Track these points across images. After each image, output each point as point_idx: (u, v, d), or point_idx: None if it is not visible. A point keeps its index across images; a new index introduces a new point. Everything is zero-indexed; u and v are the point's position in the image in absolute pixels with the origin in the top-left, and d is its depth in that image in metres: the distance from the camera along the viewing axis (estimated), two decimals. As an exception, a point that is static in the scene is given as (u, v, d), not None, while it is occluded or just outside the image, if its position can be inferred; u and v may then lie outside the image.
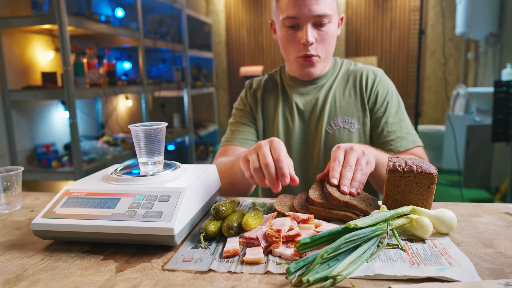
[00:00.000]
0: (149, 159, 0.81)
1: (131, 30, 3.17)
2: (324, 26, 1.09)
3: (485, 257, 0.61)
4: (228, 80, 5.31)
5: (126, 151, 3.14)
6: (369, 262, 0.60)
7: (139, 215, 0.67)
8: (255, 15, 5.04)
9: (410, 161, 0.75)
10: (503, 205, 0.83)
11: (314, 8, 1.05)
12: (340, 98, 1.20)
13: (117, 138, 3.31)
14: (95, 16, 2.81)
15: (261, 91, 1.27)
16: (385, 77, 1.23)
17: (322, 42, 1.10)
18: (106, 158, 2.87)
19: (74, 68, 2.50)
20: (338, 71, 1.24)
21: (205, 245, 0.67)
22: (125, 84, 3.22)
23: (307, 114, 1.21)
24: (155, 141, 0.80)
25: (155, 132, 0.79)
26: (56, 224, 0.68)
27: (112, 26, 2.88)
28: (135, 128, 0.78)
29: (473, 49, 4.50)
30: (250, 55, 5.15)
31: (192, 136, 4.36)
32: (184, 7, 4.18)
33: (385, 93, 1.18)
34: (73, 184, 0.78)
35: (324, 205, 0.76)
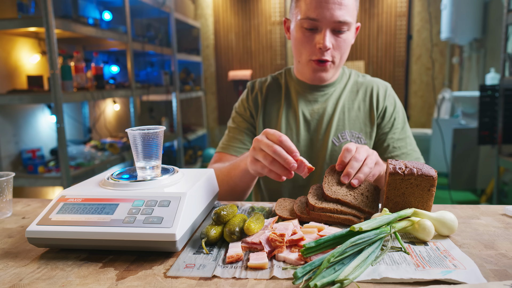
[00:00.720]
0: (147, 164, 0.79)
1: (119, 34, 3.14)
2: (342, 33, 1.06)
3: (487, 258, 0.61)
4: (216, 84, 5.29)
5: (115, 155, 3.09)
6: (374, 265, 0.60)
7: (139, 221, 0.66)
8: (244, 19, 5.05)
9: (410, 164, 0.76)
10: (499, 207, 0.84)
11: (337, 13, 1.02)
12: (350, 110, 1.17)
13: (105, 142, 3.26)
14: (83, 19, 2.77)
15: (263, 96, 1.23)
16: (393, 92, 1.22)
17: (338, 49, 1.07)
18: (94, 163, 2.82)
19: (61, 72, 2.46)
20: (347, 81, 1.21)
21: (207, 250, 0.66)
22: (113, 88, 3.18)
23: (314, 123, 1.17)
24: (153, 145, 0.79)
25: (152, 136, 0.78)
26: (52, 231, 0.66)
27: (100, 29, 2.84)
28: (133, 132, 0.77)
29: (457, 54, 4.60)
30: (239, 59, 5.15)
31: (180, 140, 4.33)
32: (172, 11, 4.16)
33: (393, 109, 1.18)
34: (68, 189, 0.76)
35: (325, 210, 0.76)
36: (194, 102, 5.26)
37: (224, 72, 5.22)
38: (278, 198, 1.13)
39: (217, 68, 5.24)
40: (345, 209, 0.76)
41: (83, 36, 2.77)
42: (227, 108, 5.32)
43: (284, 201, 0.86)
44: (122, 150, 3.22)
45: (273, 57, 5.07)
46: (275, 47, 5.04)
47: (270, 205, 0.90)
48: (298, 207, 0.81)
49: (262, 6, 4.98)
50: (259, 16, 5.01)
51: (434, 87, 4.63)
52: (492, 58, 3.87)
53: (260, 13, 5.00)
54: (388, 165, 0.77)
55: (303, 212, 0.79)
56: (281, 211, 0.81)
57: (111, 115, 3.94)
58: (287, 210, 0.82)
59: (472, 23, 3.89)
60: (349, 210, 0.76)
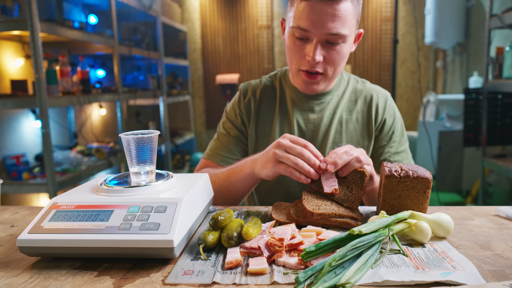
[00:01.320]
0: (141, 169, 0.78)
1: (106, 37, 3.10)
2: (336, 45, 0.98)
3: (484, 259, 0.62)
4: (204, 88, 5.27)
5: (101, 161, 3.04)
6: (373, 268, 0.60)
7: (135, 228, 0.64)
8: (231, 24, 5.06)
9: (405, 167, 0.76)
10: (492, 208, 0.86)
11: (329, 26, 0.94)
12: (347, 122, 1.12)
13: (91, 148, 3.21)
14: (68, 22, 2.73)
15: (256, 102, 1.16)
16: (393, 103, 1.17)
17: (330, 61, 1.00)
18: (80, 169, 2.77)
19: (46, 76, 2.41)
20: (345, 88, 1.15)
21: (204, 256, 0.65)
22: (100, 92, 3.13)
23: (309, 134, 1.12)
24: (147, 150, 0.77)
25: (147, 140, 0.76)
26: (45, 240, 0.64)
27: (86, 33, 2.80)
28: (126, 137, 0.75)
29: (441, 58, 4.69)
30: (226, 63, 5.15)
31: (168, 144, 4.29)
32: (159, 15, 4.13)
33: (392, 121, 1.13)
34: (60, 196, 0.74)
35: (324, 216, 0.75)
36: (182, 106, 5.22)
37: (212, 76, 5.20)
38: (270, 203, 1.13)
39: (205, 72, 5.23)
40: (342, 213, 0.76)
41: (69, 39, 2.73)
42: (215, 112, 5.30)
43: (280, 205, 0.86)
44: (109, 155, 3.17)
45: (261, 61, 5.08)
46: (263, 51, 5.06)
47: (266, 209, 0.90)
48: (295, 211, 0.80)
49: (249, 10, 5.00)
50: (246, 20, 5.02)
51: (421, 90, 4.71)
52: (475, 61, 3.96)
53: (247, 17, 5.01)
54: (384, 167, 0.77)
55: (300, 215, 0.79)
56: (277, 215, 0.81)
57: (97, 120, 3.88)
58: (283, 214, 0.82)
59: (455, 28, 3.98)
60: (346, 213, 0.76)
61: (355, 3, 0.97)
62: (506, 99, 2.76)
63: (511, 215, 0.79)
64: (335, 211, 0.76)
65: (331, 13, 0.93)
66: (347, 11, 0.95)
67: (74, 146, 3.23)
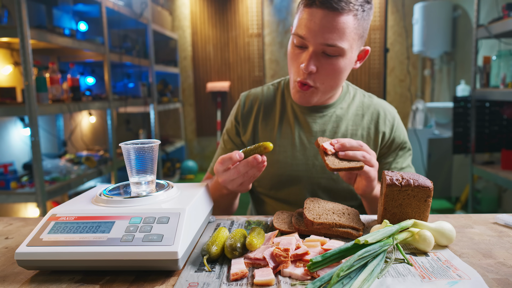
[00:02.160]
0: (142, 179, 0.77)
1: (97, 45, 3.08)
2: (332, 58, 0.95)
3: (488, 267, 0.63)
4: (194, 96, 5.26)
5: (91, 169, 3.00)
6: (379, 278, 0.60)
7: (137, 239, 0.63)
8: (222, 31, 5.07)
9: (406, 175, 0.77)
10: (490, 216, 0.87)
11: (326, 36, 0.92)
12: (352, 136, 1.09)
13: (81, 156, 3.16)
14: (59, 29, 2.70)
15: (256, 112, 1.15)
16: (400, 120, 1.14)
17: (324, 74, 0.97)
18: (70, 177, 2.72)
19: (36, 83, 2.38)
20: (350, 102, 1.13)
21: (209, 268, 0.64)
22: (90, 99, 3.10)
23: (311, 148, 1.09)
24: (148, 160, 0.76)
25: (148, 150, 0.75)
26: (45, 253, 0.63)
27: (77, 40, 2.78)
28: (126, 146, 0.74)
29: (429, 67, 4.77)
30: (217, 70, 5.15)
31: (159, 152, 4.26)
32: (150, 22, 4.13)
33: (400, 140, 1.11)
34: (59, 207, 0.72)
35: (324, 225, 0.75)
36: (172, 113, 5.20)
37: (202, 83, 5.20)
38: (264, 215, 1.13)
39: (195, 80, 5.22)
40: (343, 222, 0.76)
41: (58, 47, 2.70)
42: (205, 120, 5.29)
43: (282, 213, 0.85)
44: (99, 163, 3.13)
45: (251, 68, 5.10)
46: (253, 59, 5.08)
47: (266, 219, 0.89)
48: (296, 220, 0.80)
49: (239, 19, 5.02)
50: (237, 28, 5.04)
51: (412, 98, 4.78)
52: (462, 70, 4.04)
53: (238, 26, 5.04)
54: (385, 176, 0.78)
55: (301, 225, 0.78)
56: (279, 223, 0.80)
57: (87, 128, 3.83)
58: (285, 223, 0.81)
59: (442, 37, 4.06)
60: (348, 223, 0.76)
61: (359, 17, 0.94)
62: (493, 107, 2.82)
63: (510, 223, 0.80)
64: (336, 220, 0.76)
65: (330, 23, 0.91)
66: (347, 24, 0.92)
67: (63, 155, 3.18)
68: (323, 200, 0.85)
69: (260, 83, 5.11)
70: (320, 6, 0.91)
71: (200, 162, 5.37)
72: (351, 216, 0.80)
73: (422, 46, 4.12)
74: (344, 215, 0.79)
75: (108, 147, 3.40)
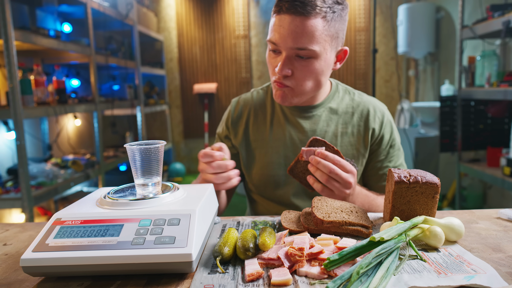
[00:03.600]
0: (148, 180, 0.75)
1: (82, 46, 3.01)
2: (305, 60, 0.97)
3: (500, 261, 0.63)
4: (181, 98, 5.22)
5: (78, 173, 2.93)
6: (396, 275, 0.60)
7: (149, 242, 0.62)
8: (208, 33, 5.05)
9: (413, 172, 0.77)
10: (493, 211, 0.88)
11: (295, 40, 0.94)
12: (343, 135, 1.11)
13: (67, 160, 3.09)
14: (43, 30, 2.63)
15: (247, 117, 1.17)
16: (390, 117, 1.16)
17: (300, 76, 0.98)
18: (56, 182, 2.66)
19: (20, 86, 2.31)
20: (340, 100, 1.14)
21: (222, 269, 0.63)
22: (76, 102, 3.03)
23: (301, 145, 1.10)
24: (153, 161, 0.75)
25: (153, 151, 0.74)
26: (52, 258, 0.60)
27: (62, 41, 2.71)
28: (131, 147, 0.73)
29: (413, 67, 4.86)
30: (204, 72, 5.12)
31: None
32: (136, 24, 4.07)
33: (389, 136, 1.13)
34: (63, 211, 0.70)
35: (334, 224, 0.75)
36: (159, 116, 5.14)
37: (189, 85, 5.16)
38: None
39: (182, 82, 5.18)
40: (352, 220, 0.76)
41: (43, 48, 2.63)
42: (193, 122, 5.25)
43: (289, 213, 0.85)
44: (86, 167, 3.06)
45: (238, 70, 5.09)
46: (240, 60, 5.07)
47: (272, 219, 0.88)
48: (305, 219, 0.80)
49: (226, 20, 5.01)
50: (223, 30, 5.03)
51: (401, 97, 4.85)
52: (446, 70, 4.12)
53: (224, 27, 5.02)
54: (392, 174, 0.78)
55: (310, 224, 0.78)
56: (287, 223, 0.80)
57: (72, 131, 3.75)
58: (293, 222, 0.81)
59: (426, 38, 4.14)
60: (357, 221, 0.76)
61: (329, 19, 0.94)
62: (478, 106, 2.88)
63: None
64: (345, 219, 0.76)
65: (298, 27, 0.93)
66: (316, 27, 0.93)
67: (49, 159, 3.10)
68: (330, 199, 0.85)
69: (247, 84, 5.10)
70: (287, 12, 0.93)
71: (187, 164, 5.32)
72: (359, 214, 0.80)
73: (406, 47, 4.19)
74: (353, 213, 0.79)
75: (95, 151, 3.33)
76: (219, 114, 5.11)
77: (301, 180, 0.97)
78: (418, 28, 4.11)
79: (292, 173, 0.96)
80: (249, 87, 5.09)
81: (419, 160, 3.65)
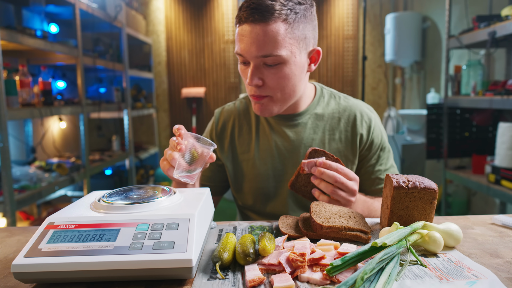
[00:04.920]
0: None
1: (69, 47, 2.96)
2: (274, 67, 0.93)
3: (498, 267, 0.64)
4: (169, 102, 5.17)
5: (63, 177, 2.86)
6: (398, 280, 0.59)
7: (147, 247, 0.60)
8: (197, 37, 5.03)
9: (411, 178, 0.78)
10: (487, 217, 0.89)
11: (258, 49, 0.90)
12: (330, 142, 1.09)
13: (52, 163, 3.02)
14: (29, 30, 2.58)
15: (231, 128, 1.14)
16: (378, 121, 1.13)
17: (272, 83, 0.95)
18: (40, 186, 2.59)
19: (5, 86, 2.25)
20: (325, 106, 1.12)
21: (222, 275, 0.62)
22: (62, 104, 2.97)
23: (289, 156, 1.08)
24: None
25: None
26: (45, 264, 0.58)
27: (49, 42, 2.66)
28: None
29: (399, 75, 4.94)
30: (192, 76, 5.09)
31: (132, 159, 4.14)
32: (124, 26, 4.03)
33: (379, 140, 1.11)
34: (56, 215, 0.67)
35: (334, 229, 0.75)
36: (146, 119, 5.09)
37: (177, 89, 5.12)
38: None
39: (170, 85, 5.14)
40: (351, 225, 0.76)
41: (29, 48, 2.57)
42: (180, 126, 5.21)
43: (287, 218, 0.84)
44: (71, 170, 3.00)
45: (227, 75, 5.08)
46: (229, 65, 5.07)
47: (269, 224, 0.87)
48: (303, 224, 0.79)
49: (215, 25, 5.01)
50: (213, 34, 5.02)
51: (390, 105, 4.91)
52: (431, 79, 4.20)
53: (213, 31, 5.01)
54: (390, 179, 0.78)
55: (309, 229, 0.77)
56: (285, 228, 0.79)
57: (57, 134, 3.67)
58: (291, 227, 0.80)
59: (412, 47, 4.21)
60: (356, 226, 0.76)
61: (290, 22, 0.91)
62: (463, 114, 2.94)
63: (507, 223, 0.82)
64: (345, 224, 0.76)
65: (259, 35, 0.90)
66: (277, 32, 0.90)
67: (33, 162, 3.03)
68: (328, 204, 0.84)
69: (235, 89, 5.10)
70: (246, 21, 0.91)
71: (174, 169, 5.25)
72: (357, 219, 0.79)
73: (393, 55, 4.26)
74: (351, 218, 0.79)
75: (81, 154, 3.26)
76: (207, 119, 5.09)
77: (304, 194, 0.93)
78: (404, 37, 4.18)
79: (293, 188, 0.93)
80: (237, 92, 5.08)
81: (405, 166, 3.69)
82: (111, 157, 3.73)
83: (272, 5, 0.89)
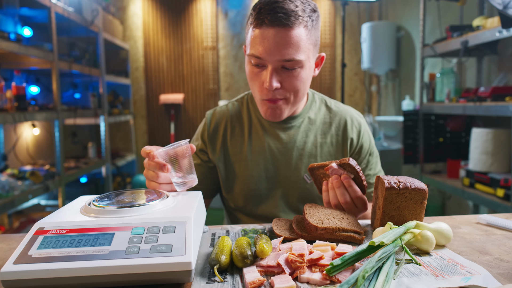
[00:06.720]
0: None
1: (44, 51, 2.88)
2: (293, 71, 0.96)
3: (489, 263, 0.66)
4: (146, 108, 5.10)
5: (37, 185, 2.76)
6: (395, 279, 0.60)
7: (144, 251, 0.58)
8: (175, 43, 5.00)
9: (402, 179, 0.79)
10: (472, 216, 0.92)
11: (282, 52, 0.92)
12: (322, 145, 1.11)
13: (25, 171, 2.91)
14: (2, 33, 2.49)
15: (223, 130, 1.13)
16: (366, 126, 1.17)
17: (289, 86, 0.97)
18: (13, 194, 2.48)
19: (-23, 90, 2.16)
20: (317, 110, 1.14)
21: (221, 278, 0.61)
22: (37, 109, 2.88)
23: (282, 159, 1.09)
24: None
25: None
26: (37, 270, 0.55)
27: (23, 45, 2.58)
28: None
29: (375, 83, 5.06)
30: (170, 82, 5.05)
31: (109, 166, 4.04)
32: (101, 31, 3.96)
33: (368, 145, 1.14)
34: (45, 220, 0.65)
35: (328, 230, 0.75)
36: (123, 126, 4.99)
37: (155, 95, 5.06)
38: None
39: (147, 91, 5.07)
40: (345, 227, 0.76)
41: (2, 52, 2.49)
42: (158, 133, 5.14)
43: (280, 221, 0.84)
44: (45, 178, 2.89)
45: (206, 81, 5.06)
46: (208, 71, 5.05)
47: (261, 227, 0.87)
48: (298, 226, 0.79)
49: (194, 31, 4.99)
50: (191, 41, 5.00)
51: (371, 111, 5.01)
52: (406, 86, 4.33)
53: (192, 38, 5.00)
54: (382, 180, 0.80)
55: (303, 230, 0.78)
56: (279, 231, 0.79)
57: (30, 140, 3.54)
58: (285, 229, 0.80)
59: (387, 56, 4.33)
60: (350, 227, 0.77)
61: (309, 28, 0.94)
62: (438, 120, 3.04)
63: (492, 222, 0.85)
64: (339, 225, 0.76)
65: (284, 39, 0.91)
66: (300, 37, 0.92)
67: (4, 169, 2.91)
68: (321, 206, 0.85)
69: (214, 96, 5.08)
70: (271, 25, 0.91)
71: (152, 177, 5.16)
72: (350, 220, 0.80)
73: (370, 63, 4.37)
74: (344, 219, 0.80)
75: (55, 161, 3.16)
76: (186, 125, 5.04)
77: (316, 180, 0.95)
78: (380, 45, 4.29)
79: (311, 171, 0.94)
80: (216, 98, 5.07)
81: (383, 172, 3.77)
82: (87, 164, 3.63)
83: (296, 11, 0.91)
